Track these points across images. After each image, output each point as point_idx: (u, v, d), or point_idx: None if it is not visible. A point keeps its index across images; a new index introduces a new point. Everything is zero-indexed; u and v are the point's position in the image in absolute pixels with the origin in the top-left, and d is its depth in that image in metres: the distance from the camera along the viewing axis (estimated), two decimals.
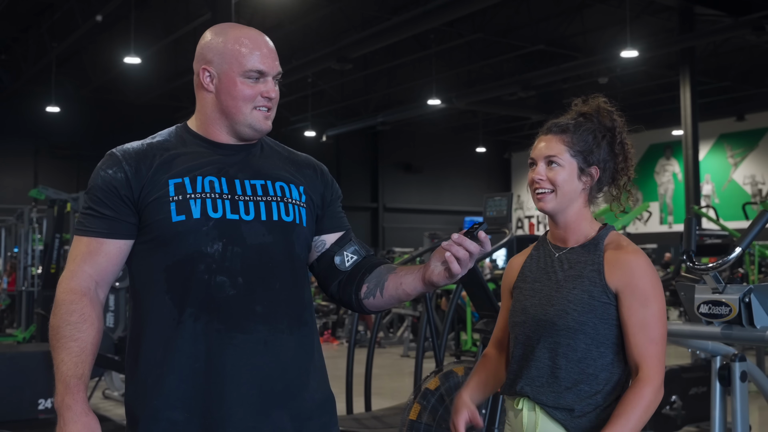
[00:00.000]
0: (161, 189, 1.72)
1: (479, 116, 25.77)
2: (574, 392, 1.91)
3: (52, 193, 9.74)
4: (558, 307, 1.95)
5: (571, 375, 1.92)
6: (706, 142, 23.57)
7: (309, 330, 1.82)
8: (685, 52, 17.06)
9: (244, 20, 16.79)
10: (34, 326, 9.90)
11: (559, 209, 2.01)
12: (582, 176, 2.00)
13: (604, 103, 2.06)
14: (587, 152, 1.99)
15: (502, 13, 16.04)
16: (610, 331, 1.93)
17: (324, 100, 23.19)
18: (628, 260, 1.93)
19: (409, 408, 3.88)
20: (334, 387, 1.89)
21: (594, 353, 1.92)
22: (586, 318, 1.92)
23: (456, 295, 4.78)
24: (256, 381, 1.69)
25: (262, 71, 1.77)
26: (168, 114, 18.51)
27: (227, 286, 1.69)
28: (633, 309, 1.90)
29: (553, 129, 2.02)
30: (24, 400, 6.39)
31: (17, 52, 18.95)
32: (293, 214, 1.79)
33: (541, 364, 1.96)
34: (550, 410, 1.93)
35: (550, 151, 1.99)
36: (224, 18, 11.28)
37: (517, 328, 2.05)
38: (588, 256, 1.98)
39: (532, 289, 2.04)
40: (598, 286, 1.93)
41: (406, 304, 12.86)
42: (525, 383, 1.98)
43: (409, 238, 23.74)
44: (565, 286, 1.97)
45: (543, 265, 2.06)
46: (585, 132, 2.00)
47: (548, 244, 2.10)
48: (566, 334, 1.93)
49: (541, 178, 1.99)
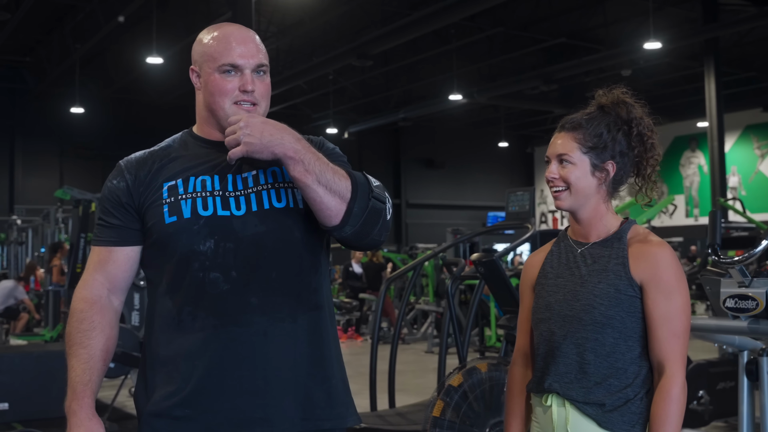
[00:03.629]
0: (156, 193, 1.78)
1: (501, 111, 25.67)
2: (604, 387, 1.91)
3: (77, 193, 9.84)
4: (584, 301, 1.94)
5: (600, 370, 1.92)
6: (732, 134, 23.30)
7: (321, 315, 1.80)
8: (709, 42, 16.87)
9: (265, 18, 16.87)
10: (61, 325, 10.01)
11: (576, 206, 2.01)
12: (596, 172, 1.98)
13: (622, 94, 2.03)
14: (600, 148, 1.98)
15: (522, 7, 15.97)
16: (637, 324, 1.92)
17: (345, 97, 23.21)
18: (652, 252, 1.92)
19: (432, 405, 3.87)
20: (358, 383, 1.89)
21: (622, 347, 1.92)
22: (613, 312, 1.91)
23: (479, 291, 4.77)
24: (258, 372, 1.69)
25: (236, 65, 1.78)
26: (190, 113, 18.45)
27: (220, 281, 1.70)
28: (657, 302, 1.89)
29: (566, 126, 2.02)
30: (51, 398, 6.45)
31: (41, 54, 19.15)
32: (286, 199, 1.78)
33: (569, 360, 1.95)
34: (580, 405, 1.93)
35: (562, 149, 1.99)
36: (245, 16, 11.32)
37: (541, 325, 2.04)
38: (611, 250, 1.97)
39: (555, 285, 2.03)
40: (624, 279, 1.92)
41: (430, 300, 12.86)
42: (553, 379, 1.97)
43: (432, 234, 23.69)
44: (590, 280, 1.96)
45: (565, 260, 2.05)
46: (597, 127, 1.99)
47: (569, 239, 2.08)
48: (593, 329, 1.92)
49: (554, 176, 2.00)
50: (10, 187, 21.34)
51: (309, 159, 1.65)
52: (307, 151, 1.66)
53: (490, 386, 3.87)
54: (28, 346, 8.52)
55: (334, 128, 23.28)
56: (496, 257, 4.16)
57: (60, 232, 13.44)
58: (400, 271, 5.83)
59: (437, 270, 12.66)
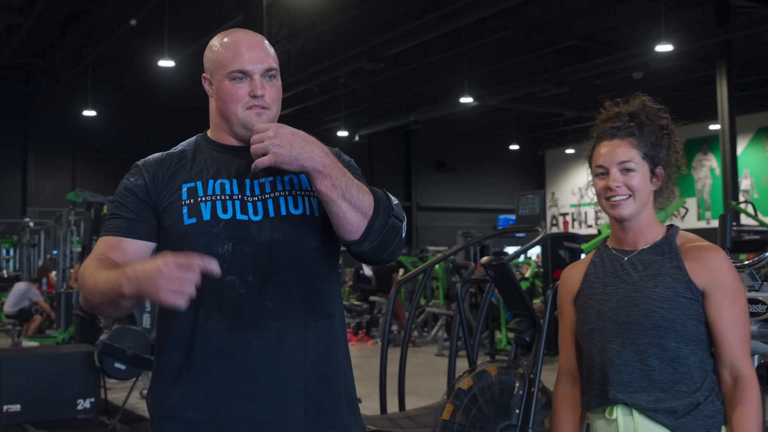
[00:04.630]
0: (175, 194, 1.78)
1: (512, 113, 25.64)
2: (672, 393, 1.87)
3: (89, 195, 9.89)
4: (643, 306, 1.90)
5: (665, 376, 1.88)
6: (745, 136, 23.18)
7: (331, 324, 1.80)
8: (721, 45, 16.80)
9: (276, 21, 16.92)
10: (73, 327, 10.05)
11: (635, 213, 1.97)
12: (653, 178, 1.98)
13: (648, 101, 2.03)
14: (654, 153, 1.97)
15: (533, 9, 15.95)
16: (696, 328, 1.90)
17: (356, 99, 23.25)
18: (710, 257, 1.91)
19: (441, 408, 3.87)
20: (368, 386, 1.89)
21: (685, 351, 1.89)
22: (674, 315, 1.88)
23: (488, 294, 4.76)
24: (272, 377, 1.70)
25: (245, 71, 1.79)
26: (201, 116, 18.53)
27: (237, 285, 1.71)
28: (723, 306, 1.87)
29: (618, 133, 1.98)
30: (63, 400, 6.50)
31: (54, 57, 19.28)
32: (303, 206, 1.79)
33: (631, 368, 1.90)
34: (651, 414, 1.88)
35: (624, 156, 1.95)
36: (256, 19, 11.34)
37: (595, 335, 1.98)
38: (663, 254, 1.95)
39: (605, 294, 1.98)
40: (682, 282, 1.89)
41: (441, 303, 12.85)
42: (617, 390, 1.91)
43: (443, 237, 23.67)
44: (645, 285, 1.92)
45: (611, 269, 2.01)
46: (648, 133, 1.97)
47: (610, 250, 2.05)
48: (655, 333, 1.88)
49: (618, 185, 1.95)
50: (23, 189, 21.48)
51: (336, 174, 1.65)
52: (335, 166, 1.66)
53: (500, 389, 3.87)
54: (41, 348, 8.57)
55: (345, 131, 23.31)
56: (505, 260, 4.15)
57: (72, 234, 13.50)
58: (410, 273, 5.83)
59: (448, 273, 12.65)
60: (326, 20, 16.46)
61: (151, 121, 21.78)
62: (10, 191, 21.21)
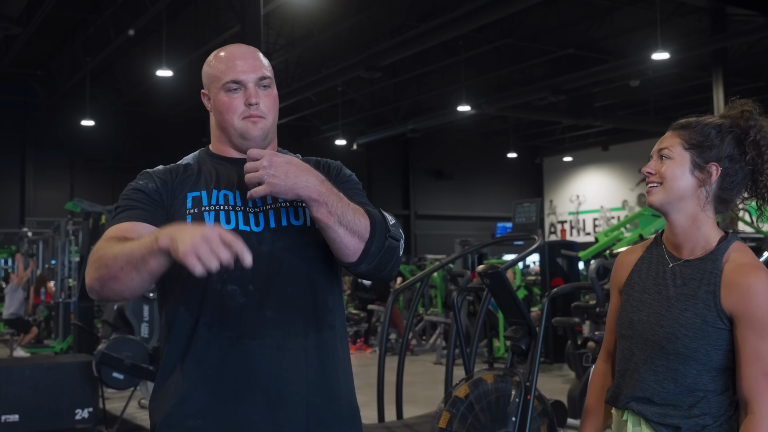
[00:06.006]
0: (181, 202, 1.80)
1: (509, 121, 25.69)
2: (683, 412, 1.84)
3: (88, 205, 9.89)
4: (668, 329, 1.84)
5: (680, 398, 1.84)
6: None
7: (332, 335, 1.82)
8: (717, 53, 16.85)
9: (274, 31, 16.97)
10: (72, 337, 10.05)
11: (666, 205, 1.89)
12: (696, 171, 1.87)
13: (748, 105, 1.97)
14: (705, 147, 1.87)
15: (530, 18, 16.00)
16: (723, 357, 1.82)
17: (354, 108, 23.28)
18: (747, 284, 1.78)
19: (438, 416, 3.88)
20: (366, 395, 1.90)
21: (705, 378, 1.83)
22: (698, 345, 1.81)
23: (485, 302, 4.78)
24: (272, 386, 1.71)
25: (238, 80, 1.82)
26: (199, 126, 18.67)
27: (238, 294, 1.73)
28: (747, 339, 1.77)
29: (674, 126, 1.94)
30: (62, 410, 6.49)
31: (53, 67, 19.31)
32: (303, 217, 1.81)
33: (647, 386, 1.88)
34: (656, 426, 1.87)
35: (663, 144, 1.91)
36: (254, 29, 11.37)
37: (623, 342, 1.97)
38: (704, 273, 1.85)
39: (641, 301, 1.94)
40: (713, 310, 1.80)
41: (439, 311, 12.85)
42: (630, 399, 1.92)
43: (441, 245, 23.70)
44: (677, 306, 1.85)
45: (654, 273, 1.95)
46: (707, 127, 1.90)
47: (663, 247, 1.97)
48: (675, 360, 1.83)
49: (650, 171, 1.91)
50: (21, 199, 21.47)
51: (332, 201, 1.65)
52: (330, 192, 1.66)
53: (496, 397, 3.88)
54: (39, 358, 8.56)
55: (343, 140, 23.34)
56: (501, 269, 4.17)
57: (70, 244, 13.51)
58: (408, 282, 5.85)
59: (446, 281, 12.66)
60: (324, 30, 16.51)
61: (149, 130, 21.81)
62: (8, 201, 21.21)
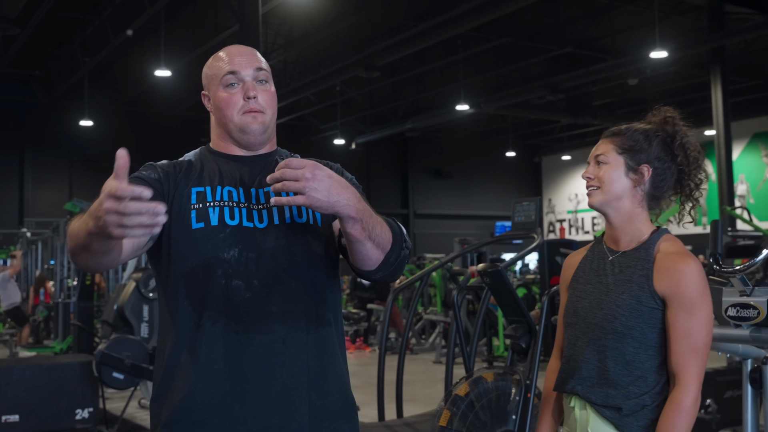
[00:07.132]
0: (185, 196, 1.80)
1: (508, 120, 25.70)
2: (623, 393, 1.98)
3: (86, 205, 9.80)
4: (606, 311, 2.01)
5: (620, 377, 1.99)
6: (740, 142, 23.23)
7: (331, 331, 1.83)
8: (715, 51, 16.87)
9: (272, 30, 16.96)
10: (71, 337, 10.05)
11: (605, 205, 2.08)
12: (630, 173, 2.05)
13: (670, 112, 2.13)
14: (635, 150, 2.05)
15: (529, 17, 16.01)
16: (658, 335, 1.98)
17: (353, 108, 23.28)
18: (676, 267, 1.97)
19: (438, 414, 3.89)
20: (366, 394, 1.91)
21: (642, 356, 1.98)
22: (633, 323, 1.97)
23: (485, 301, 4.78)
24: (277, 379, 1.72)
25: (235, 71, 1.84)
26: (198, 126, 18.68)
27: (243, 289, 1.74)
28: (678, 317, 1.94)
29: (607, 133, 2.13)
30: (61, 410, 6.49)
31: (51, 68, 19.30)
32: (307, 216, 1.83)
33: (591, 366, 2.04)
34: (599, 408, 2.01)
35: (598, 151, 2.10)
36: (252, 29, 11.37)
37: (569, 329, 2.14)
38: (638, 260, 2.03)
39: (584, 291, 2.11)
40: (647, 291, 1.97)
41: (438, 310, 12.86)
42: (576, 382, 2.06)
43: (440, 244, 23.69)
44: (615, 290, 2.03)
45: (596, 267, 2.13)
46: (635, 133, 2.08)
47: (603, 245, 2.15)
48: (614, 338, 1.99)
49: (589, 176, 2.10)
50: (20, 199, 21.46)
51: (367, 218, 1.65)
52: (365, 210, 1.65)
53: (497, 395, 3.89)
54: (39, 358, 8.56)
55: (341, 139, 23.34)
56: (501, 268, 4.17)
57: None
58: (407, 281, 5.85)
59: (445, 280, 12.67)
60: (322, 29, 16.51)
61: (147, 130, 21.79)
62: (7, 201, 21.21)
